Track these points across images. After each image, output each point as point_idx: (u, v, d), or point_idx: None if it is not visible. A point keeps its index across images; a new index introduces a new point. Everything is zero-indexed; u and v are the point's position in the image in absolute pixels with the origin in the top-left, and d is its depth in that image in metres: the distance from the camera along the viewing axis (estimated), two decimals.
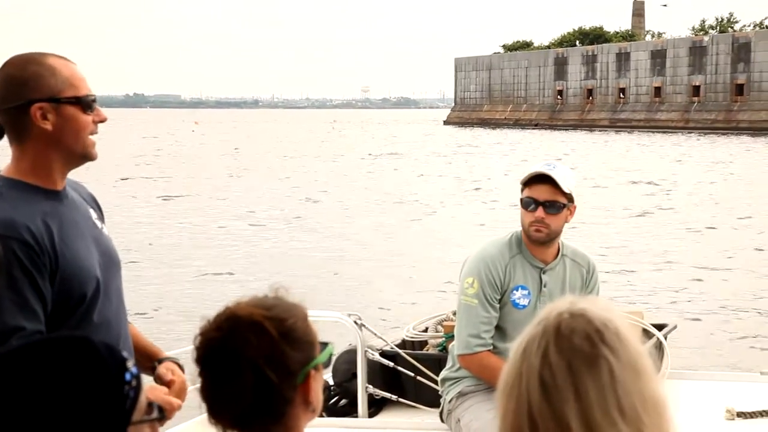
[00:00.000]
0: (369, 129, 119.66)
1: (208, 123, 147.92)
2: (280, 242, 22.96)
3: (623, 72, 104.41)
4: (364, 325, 5.90)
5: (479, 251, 4.93)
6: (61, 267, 2.97)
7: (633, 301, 15.34)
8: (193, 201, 32.22)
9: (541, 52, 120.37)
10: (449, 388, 5.04)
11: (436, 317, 6.99)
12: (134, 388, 1.59)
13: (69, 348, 1.57)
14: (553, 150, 60.77)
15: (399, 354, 6.27)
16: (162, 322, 14.05)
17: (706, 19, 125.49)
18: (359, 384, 5.89)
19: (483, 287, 4.83)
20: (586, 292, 4.90)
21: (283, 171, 45.64)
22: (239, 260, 20.24)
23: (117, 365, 1.58)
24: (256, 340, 2.04)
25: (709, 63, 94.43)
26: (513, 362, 1.81)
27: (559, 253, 4.93)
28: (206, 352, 2.07)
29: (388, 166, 48.53)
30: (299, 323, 2.11)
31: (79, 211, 3.14)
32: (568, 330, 1.77)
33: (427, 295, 15.75)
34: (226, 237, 23.86)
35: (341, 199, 32.59)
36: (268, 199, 32.60)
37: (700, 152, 59.31)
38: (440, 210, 28.96)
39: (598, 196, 31.69)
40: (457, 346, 4.94)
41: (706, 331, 13.93)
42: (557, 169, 4.78)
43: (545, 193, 4.73)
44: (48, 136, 3.01)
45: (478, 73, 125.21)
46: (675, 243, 22.66)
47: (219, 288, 16.90)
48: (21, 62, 3.03)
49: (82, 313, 3.02)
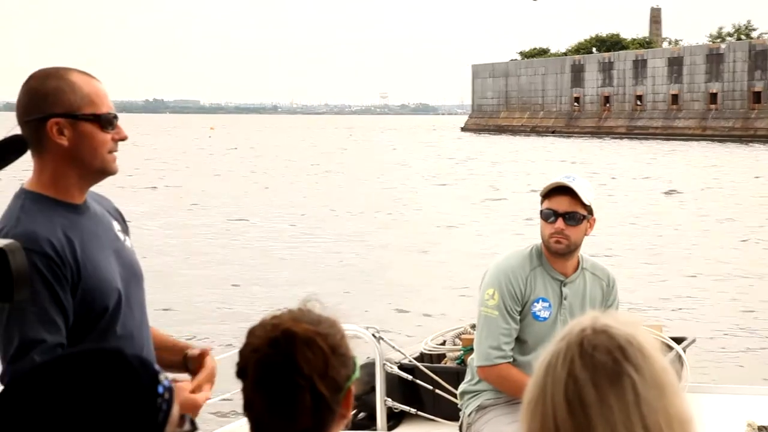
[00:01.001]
0: (385, 136, 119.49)
1: (227, 128, 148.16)
2: (299, 252, 22.92)
3: (640, 79, 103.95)
4: (383, 338, 5.89)
5: (499, 263, 4.93)
6: (83, 279, 2.98)
7: (652, 314, 15.20)
8: (215, 209, 32.31)
9: (558, 59, 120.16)
10: (468, 402, 5.02)
11: (454, 330, 7.02)
12: (167, 401, 1.59)
13: (102, 361, 1.58)
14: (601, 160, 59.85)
15: (417, 367, 6.28)
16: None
17: (723, 27, 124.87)
18: (378, 397, 5.87)
19: (503, 299, 4.81)
20: (606, 306, 4.91)
21: (299, 179, 45.72)
22: (256, 269, 20.23)
23: (150, 378, 1.59)
24: (314, 357, 2.05)
25: (727, 70, 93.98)
26: (537, 378, 1.81)
27: (579, 266, 4.93)
28: (262, 369, 2.07)
29: (402, 176, 48.43)
30: (341, 338, 2.12)
31: (100, 223, 3.15)
32: (591, 346, 1.77)
33: (445, 308, 15.66)
34: (242, 246, 23.90)
35: (357, 209, 32.57)
36: (286, 207, 32.59)
37: (733, 160, 58.97)
38: (460, 222, 28.77)
39: (617, 205, 31.69)
40: (477, 358, 4.93)
41: (726, 345, 13.85)
42: (577, 181, 4.79)
43: (565, 205, 4.74)
44: (64, 151, 3.02)
45: (495, 80, 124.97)
46: (695, 255, 22.54)
47: (235, 298, 16.86)
48: (43, 76, 3.05)
49: (104, 325, 3.03)
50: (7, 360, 2.89)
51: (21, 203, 3.02)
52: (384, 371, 5.91)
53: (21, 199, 3.04)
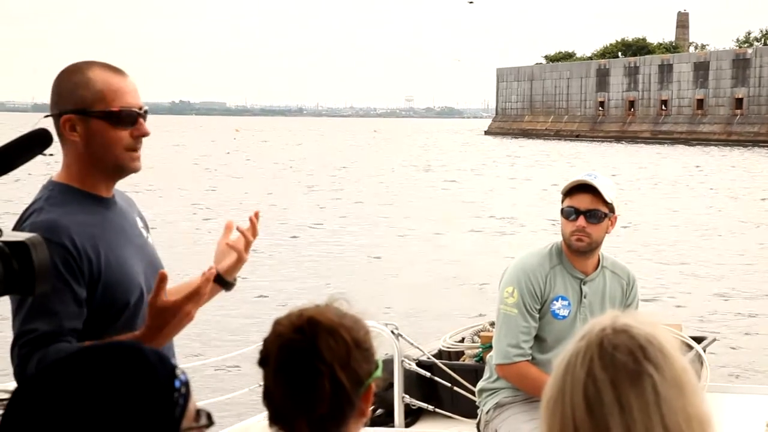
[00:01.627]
0: (410, 138, 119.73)
1: (251, 131, 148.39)
2: (320, 248, 23.06)
3: (665, 84, 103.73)
4: (401, 335, 5.90)
5: (519, 261, 4.93)
6: (104, 273, 2.99)
7: (672, 313, 15.27)
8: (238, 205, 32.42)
9: (583, 63, 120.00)
10: (486, 399, 5.02)
11: (472, 328, 7.02)
12: (183, 396, 1.60)
13: (119, 356, 1.58)
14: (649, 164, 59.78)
15: (436, 364, 6.28)
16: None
17: (751, 32, 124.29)
18: (396, 394, 5.88)
19: (523, 297, 4.81)
20: (626, 304, 4.90)
21: (324, 179, 45.89)
22: (277, 265, 20.32)
23: (167, 373, 1.59)
24: (336, 345, 2.07)
25: (753, 75, 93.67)
26: (556, 377, 1.82)
27: (600, 264, 4.91)
28: (285, 354, 2.09)
29: (425, 177, 48.60)
30: (366, 334, 2.15)
31: (126, 219, 3.18)
32: (611, 346, 1.78)
33: (464, 305, 15.72)
34: (267, 243, 24.00)
35: (380, 206, 32.77)
36: (309, 206, 32.80)
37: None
38: (485, 222, 28.89)
39: (642, 207, 31.70)
40: (496, 356, 4.92)
41: (746, 344, 13.84)
42: (598, 179, 4.78)
43: (586, 202, 4.73)
44: (77, 147, 3.05)
45: (519, 84, 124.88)
46: (716, 254, 22.58)
47: (257, 294, 16.89)
48: (66, 72, 3.07)
49: (125, 320, 3.04)
50: (18, 346, 2.91)
51: (48, 194, 3.05)
52: (402, 368, 5.91)
53: (48, 190, 3.06)
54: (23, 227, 2.94)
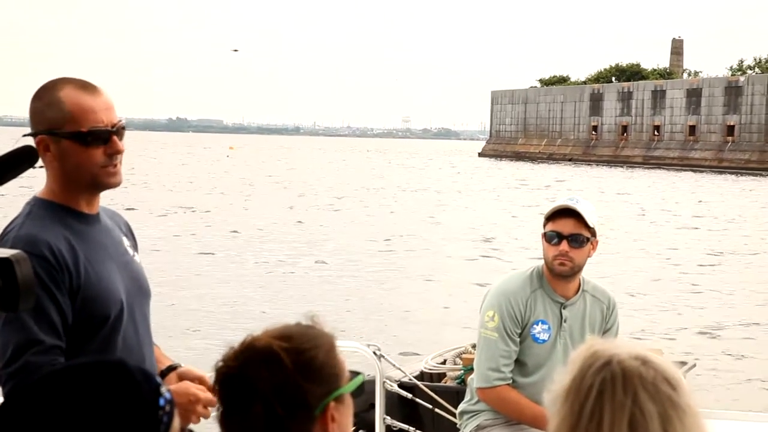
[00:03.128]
0: (402, 159, 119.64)
1: (248, 147, 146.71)
2: (303, 268, 22.95)
3: (658, 109, 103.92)
4: (383, 356, 5.81)
5: (500, 285, 4.91)
6: (84, 287, 2.99)
7: (652, 338, 15.30)
8: (220, 222, 32.64)
9: (577, 88, 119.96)
10: (467, 422, 5.00)
11: (454, 349, 7.07)
12: (168, 413, 1.60)
13: (104, 373, 1.59)
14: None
15: (417, 386, 6.28)
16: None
17: (744, 59, 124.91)
18: (377, 415, 5.76)
19: (503, 321, 4.78)
20: (606, 328, 4.92)
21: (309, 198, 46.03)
22: (262, 287, 20.31)
23: (151, 390, 1.60)
24: (268, 373, 2.02)
25: (745, 103, 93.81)
26: (581, 407, 1.87)
27: (580, 288, 4.90)
28: (222, 381, 2.07)
29: (412, 198, 48.74)
30: (321, 354, 2.07)
31: (110, 236, 3.17)
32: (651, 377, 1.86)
33: (446, 327, 15.66)
34: (248, 262, 24.01)
35: (365, 226, 32.82)
36: (289, 225, 32.89)
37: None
38: (464, 244, 28.74)
39: (623, 231, 32.00)
40: (477, 380, 4.92)
41: (726, 370, 13.87)
42: (581, 204, 4.77)
43: (569, 227, 4.73)
44: (54, 166, 3.05)
45: (514, 107, 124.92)
46: (696, 279, 22.66)
47: (239, 313, 16.95)
48: (40, 91, 3.07)
49: (105, 335, 3.04)
50: (3, 363, 2.91)
51: (29, 209, 3.07)
52: (384, 389, 5.79)
53: (30, 205, 3.08)
54: (4, 242, 2.97)
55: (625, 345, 1.90)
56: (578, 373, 1.88)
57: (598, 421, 1.82)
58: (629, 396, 1.80)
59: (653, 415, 1.79)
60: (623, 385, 1.81)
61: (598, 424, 1.82)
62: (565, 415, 1.86)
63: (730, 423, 6.04)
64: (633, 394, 1.80)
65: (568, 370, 1.93)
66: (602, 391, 1.82)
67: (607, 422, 1.80)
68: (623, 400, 1.80)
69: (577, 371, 1.88)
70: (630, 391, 1.81)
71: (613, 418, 1.80)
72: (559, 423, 1.86)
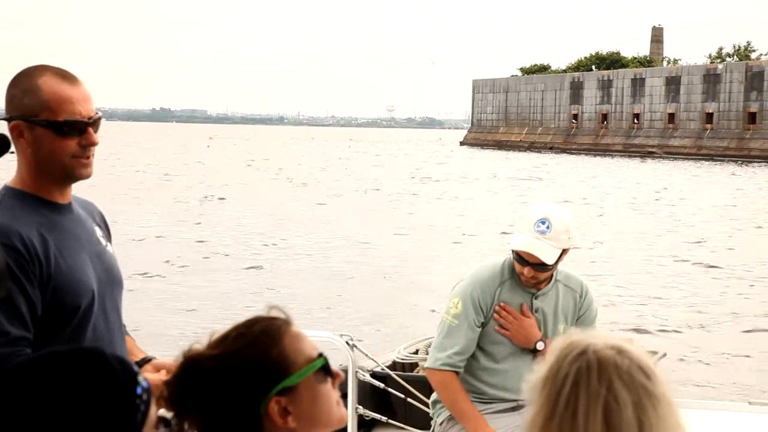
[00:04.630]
0: (383, 148, 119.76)
1: (232, 139, 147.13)
2: (278, 259, 23.08)
3: (638, 98, 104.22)
4: (356, 346, 5.79)
5: (471, 274, 4.91)
6: (54, 276, 2.96)
7: (622, 327, 15.28)
8: (195, 214, 32.63)
9: (557, 76, 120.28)
10: (440, 411, 5.00)
11: (427, 339, 6.95)
12: (145, 402, 1.61)
13: (81, 361, 1.59)
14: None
15: (390, 375, 6.29)
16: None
17: (723, 47, 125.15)
18: (349, 405, 5.71)
19: (466, 309, 4.80)
20: (579, 315, 4.94)
21: (286, 188, 46.14)
22: (239, 276, 20.38)
23: (129, 378, 1.61)
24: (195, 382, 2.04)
25: (723, 91, 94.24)
26: (557, 396, 1.90)
27: (553, 278, 4.89)
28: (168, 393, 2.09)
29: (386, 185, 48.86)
30: (254, 352, 2.07)
31: (82, 226, 3.14)
32: (626, 365, 1.89)
33: (419, 316, 15.70)
34: (224, 253, 24.04)
35: (338, 216, 32.83)
36: (263, 216, 32.84)
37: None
38: (443, 234, 28.70)
39: (599, 220, 32.03)
40: (428, 360, 4.99)
41: (695, 360, 13.89)
42: (551, 232, 4.69)
43: (535, 258, 4.70)
44: (27, 153, 3.03)
45: (495, 95, 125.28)
46: (668, 269, 22.68)
47: (212, 305, 16.98)
48: (18, 76, 3.05)
49: (75, 325, 3.01)
50: None
51: (0, 198, 3.03)
52: (356, 379, 5.79)
53: (0, 195, 3.05)
54: None
55: (601, 335, 1.93)
56: (555, 362, 1.91)
57: (573, 409, 1.85)
58: (604, 384, 1.83)
59: (627, 403, 1.82)
60: (598, 373, 1.84)
61: (573, 412, 1.85)
62: (542, 404, 1.89)
63: (699, 412, 6.01)
64: (608, 382, 1.83)
65: (546, 360, 1.97)
66: (578, 381, 1.85)
67: (582, 410, 1.83)
68: (598, 389, 1.83)
69: (554, 361, 1.92)
70: (605, 379, 1.84)
71: (588, 406, 1.82)
72: (536, 412, 1.89)
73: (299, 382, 2.08)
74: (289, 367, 2.08)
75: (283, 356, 2.08)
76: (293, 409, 2.07)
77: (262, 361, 2.06)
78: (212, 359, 2.05)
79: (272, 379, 2.06)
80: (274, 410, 2.05)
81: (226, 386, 2.03)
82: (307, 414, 2.09)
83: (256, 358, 2.06)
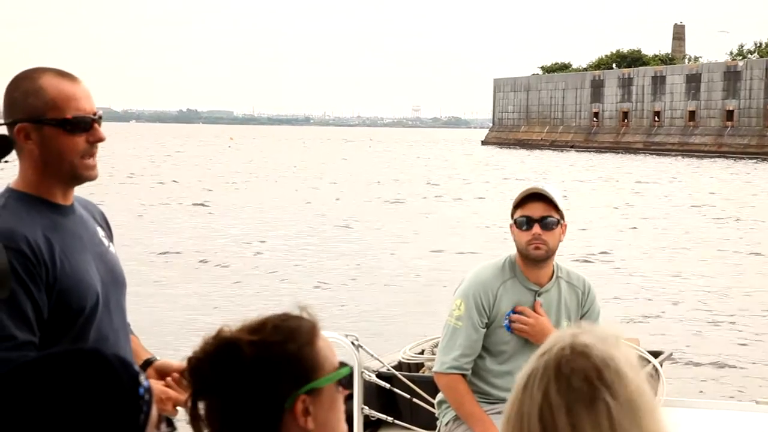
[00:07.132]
0: (404, 149, 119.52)
1: (258, 139, 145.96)
2: (287, 259, 23.02)
3: (658, 95, 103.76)
4: (362, 346, 5.78)
5: (472, 275, 4.91)
6: (59, 279, 2.97)
7: (629, 327, 14.97)
8: (209, 211, 32.76)
9: (578, 75, 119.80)
10: (446, 411, 5.00)
11: (432, 339, 6.99)
12: (147, 402, 1.61)
13: (83, 362, 1.59)
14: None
15: (395, 376, 6.30)
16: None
17: (744, 44, 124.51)
18: (355, 405, 5.69)
19: (469, 311, 4.81)
20: (582, 312, 4.91)
21: (295, 186, 46.20)
22: (248, 277, 20.42)
23: (131, 379, 1.60)
24: (229, 365, 2.02)
25: (743, 88, 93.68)
26: (515, 396, 1.84)
27: (554, 274, 4.88)
28: (190, 371, 2.06)
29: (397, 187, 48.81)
30: (293, 347, 2.07)
31: (85, 227, 3.15)
32: (568, 369, 1.79)
33: (425, 317, 15.41)
34: (233, 254, 23.99)
35: (347, 216, 32.83)
36: (274, 216, 32.91)
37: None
38: (452, 232, 28.57)
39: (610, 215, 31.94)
40: (435, 364, 4.99)
41: (703, 360, 13.82)
42: (547, 187, 4.79)
43: (539, 210, 4.73)
44: (33, 155, 3.02)
45: (516, 94, 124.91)
46: (676, 269, 22.37)
47: (222, 303, 17.01)
48: (18, 79, 3.05)
49: (80, 326, 3.01)
50: None
51: (4, 201, 3.02)
52: (362, 379, 5.80)
53: (4, 197, 3.04)
54: None
55: (591, 331, 1.87)
56: (531, 360, 1.89)
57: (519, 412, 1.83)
58: (541, 389, 1.80)
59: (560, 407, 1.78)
60: (541, 376, 1.81)
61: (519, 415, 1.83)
62: (509, 404, 1.88)
63: (706, 412, 6.16)
64: (545, 385, 1.80)
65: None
66: (526, 384, 1.83)
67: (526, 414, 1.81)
68: (535, 393, 1.81)
69: (533, 358, 1.89)
70: (542, 383, 1.81)
71: (530, 410, 1.80)
72: (506, 420, 1.87)
73: (324, 387, 2.09)
74: (319, 369, 2.09)
75: (317, 357, 2.10)
76: (314, 411, 2.07)
77: (299, 357, 2.07)
78: (252, 345, 2.03)
79: (305, 377, 2.07)
80: (299, 408, 2.05)
81: (262, 374, 2.02)
82: (323, 420, 2.09)
83: (296, 352, 2.06)
